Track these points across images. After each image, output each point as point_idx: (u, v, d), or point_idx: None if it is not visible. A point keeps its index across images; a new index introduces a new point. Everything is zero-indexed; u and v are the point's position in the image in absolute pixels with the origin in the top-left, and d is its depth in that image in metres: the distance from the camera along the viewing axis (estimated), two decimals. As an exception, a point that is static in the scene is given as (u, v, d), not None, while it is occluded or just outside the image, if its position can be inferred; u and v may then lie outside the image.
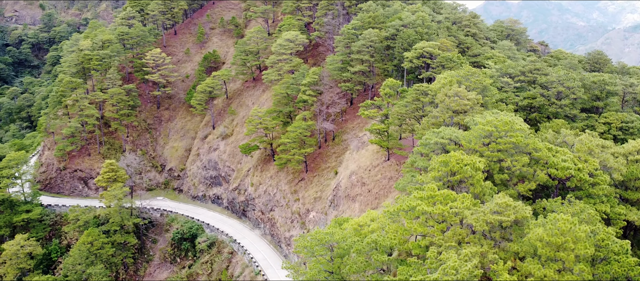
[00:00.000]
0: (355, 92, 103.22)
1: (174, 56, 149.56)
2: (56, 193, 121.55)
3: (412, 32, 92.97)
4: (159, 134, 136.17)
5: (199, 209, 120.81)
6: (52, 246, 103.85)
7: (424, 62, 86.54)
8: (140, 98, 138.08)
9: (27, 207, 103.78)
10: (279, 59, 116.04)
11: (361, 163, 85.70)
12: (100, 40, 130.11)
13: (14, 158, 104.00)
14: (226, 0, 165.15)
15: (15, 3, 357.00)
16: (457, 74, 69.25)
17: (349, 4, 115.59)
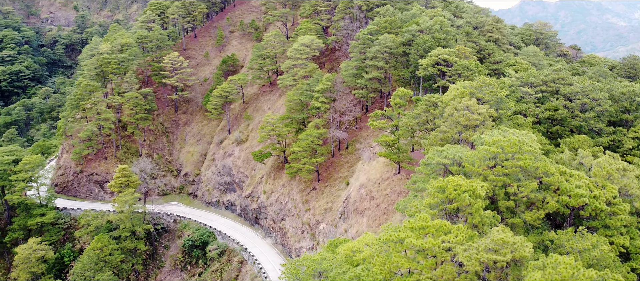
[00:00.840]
0: (370, 100, 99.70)
1: (193, 59, 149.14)
2: (73, 195, 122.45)
3: (429, 38, 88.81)
4: (176, 138, 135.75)
5: (212, 215, 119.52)
6: (65, 250, 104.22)
7: (439, 70, 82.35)
8: (158, 102, 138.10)
9: (42, 210, 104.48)
10: (294, 64, 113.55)
11: (371, 175, 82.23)
12: (119, 44, 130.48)
13: (29, 162, 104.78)
14: (247, 3, 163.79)
15: (51, 5, 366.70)
16: (470, 85, 65.01)
17: (367, 7, 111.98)
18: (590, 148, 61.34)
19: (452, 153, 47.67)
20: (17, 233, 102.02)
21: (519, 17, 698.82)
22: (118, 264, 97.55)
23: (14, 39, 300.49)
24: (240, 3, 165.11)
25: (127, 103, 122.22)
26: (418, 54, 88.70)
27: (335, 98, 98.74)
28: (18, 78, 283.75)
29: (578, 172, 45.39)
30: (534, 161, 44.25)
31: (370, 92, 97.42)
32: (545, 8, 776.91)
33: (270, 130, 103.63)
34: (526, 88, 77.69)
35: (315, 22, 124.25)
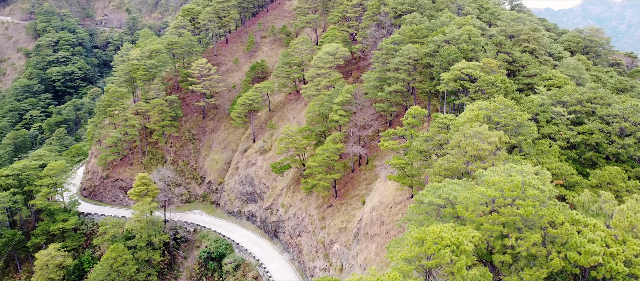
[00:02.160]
0: (391, 114, 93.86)
1: (223, 65, 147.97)
2: (99, 200, 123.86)
3: (454, 50, 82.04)
4: (202, 145, 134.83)
5: (233, 226, 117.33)
6: (85, 257, 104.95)
7: (461, 85, 75.67)
8: (187, 108, 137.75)
9: (64, 216, 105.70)
10: (318, 73, 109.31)
11: (384, 197, 76.74)
12: (148, 50, 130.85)
13: (54, 168, 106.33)
14: (280, 8, 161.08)
15: (105, 7, 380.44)
16: (487, 106, 58.41)
17: (394, 15, 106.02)
18: (624, 183, 53.40)
19: (448, 192, 41.92)
20: (40, 238, 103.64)
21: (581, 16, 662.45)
22: (132, 274, 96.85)
23: (69, 40, 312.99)
24: (274, 8, 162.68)
25: (153, 110, 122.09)
26: (441, 67, 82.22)
27: (354, 111, 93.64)
28: (71, 78, 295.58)
29: (595, 221, 38.51)
30: (539, 207, 37.83)
31: (392, 106, 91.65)
32: (610, 7, 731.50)
33: (288, 142, 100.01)
34: (558, 107, 69.75)
35: (342, 29, 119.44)
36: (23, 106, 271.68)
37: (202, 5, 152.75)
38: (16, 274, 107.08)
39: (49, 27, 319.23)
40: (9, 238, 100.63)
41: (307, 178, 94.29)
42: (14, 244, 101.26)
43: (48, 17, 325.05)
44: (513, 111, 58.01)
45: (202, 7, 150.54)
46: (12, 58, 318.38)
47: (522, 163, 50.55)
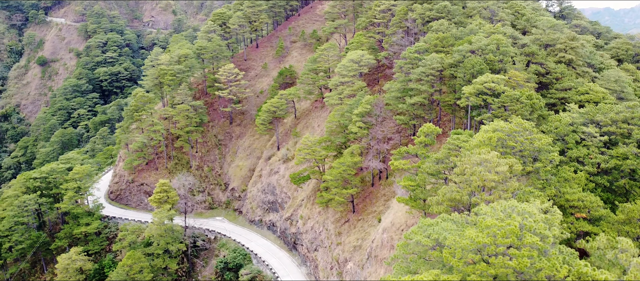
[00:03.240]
0: (412, 128, 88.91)
1: (252, 70, 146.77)
2: (125, 204, 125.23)
3: (479, 61, 76.35)
4: (228, 150, 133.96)
5: (253, 235, 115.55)
6: (106, 261, 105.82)
7: (484, 100, 70.09)
8: (214, 113, 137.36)
9: (88, 220, 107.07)
10: (341, 82, 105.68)
11: (396, 219, 72.26)
12: (177, 55, 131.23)
13: (79, 172, 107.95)
14: (312, 12, 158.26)
15: (153, 9, 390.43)
16: (503, 127, 53.06)
17: (422, 21, 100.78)
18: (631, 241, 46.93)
19: (438, 232, 37.51)
20: (63, 241, 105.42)
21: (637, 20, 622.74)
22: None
23: (116, 41, 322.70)
24: (306, 11, 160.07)
25: (178, 115, 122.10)
26: (465, 79, 76.75)
27: (373, 123, 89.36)
28: (117, 78, 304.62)
29: (606, 275, 33.12)
30: (538, 258, 32.86)
31: (413, 119, 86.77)
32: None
33: (307, 153, 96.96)
34: (590, 127, 63.04)
35: (369, 35, 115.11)
36: (71, 104, 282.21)
37: (233, 9, 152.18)
38: (42, 275, 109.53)
39: (99, 29, 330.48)
40: (34, 239, 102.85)
41: (323, 192, 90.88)
42: (38, 245, 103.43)
43: (98, 19, 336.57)
44: (531, 135, 52.36)
45: (233, 11, 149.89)
46: (64, 58, 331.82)
47: (534, 196, 45.18)
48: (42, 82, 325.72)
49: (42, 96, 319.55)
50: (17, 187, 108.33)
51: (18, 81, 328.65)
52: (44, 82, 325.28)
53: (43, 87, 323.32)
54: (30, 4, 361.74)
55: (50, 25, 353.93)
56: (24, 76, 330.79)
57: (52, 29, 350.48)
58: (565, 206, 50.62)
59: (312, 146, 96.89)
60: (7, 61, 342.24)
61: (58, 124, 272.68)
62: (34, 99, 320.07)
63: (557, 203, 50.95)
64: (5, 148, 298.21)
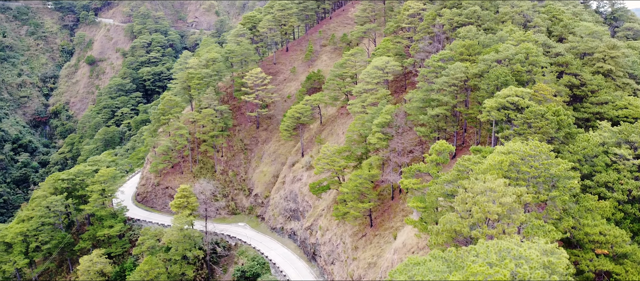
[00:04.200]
0: (433, 141, 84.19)
1: (281, 73, 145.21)
2: (150, 207, 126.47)
3: (504, 71, 71.09)
4: (253, 155, 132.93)
5: (273, 243, 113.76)
6: (127, 264, 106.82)
7: (506, 115, 64.96)
8: (242, 117, 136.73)
9: (111, 222, 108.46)
10: (365, 89, 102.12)
11: (408, 239, 68.28)
12: (205, 58, 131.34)
13: (104, 174, 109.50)
14: (344, 15, 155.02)
15: (196, 10, 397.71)
16: (517, 149, 48.37)
17: (449, 27, 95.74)
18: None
19: (423, 273, 33.84)
20: (86, 242, 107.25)
21: None
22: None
23: (160, 42, 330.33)
24: (337, 15, 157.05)
25: (203, 120, 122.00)
26: (488, 91, 71.67)
27: (393, 135, 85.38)
28: (159, 78, 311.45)
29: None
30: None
31: (434, 131, 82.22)
32: None
33: (326, 163, 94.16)
34: (623, 148, 56.99)
35: (396, 40, 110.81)
36: (115, 103, 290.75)
37: (264, 12, 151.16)
38: (67, 275, 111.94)
39: (144, 29, 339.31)
40: (59, 240, 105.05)
41: (339, 205, 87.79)
42: (62, 246, 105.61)
43: (144, 20, 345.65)
44: (548, 159, 47.40)
45: (263, 14, 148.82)
46: (111, 58, 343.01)
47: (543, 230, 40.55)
48: (90, 80, 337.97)
49: (90, 94, 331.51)
50: (46, 188, 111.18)
51: (68, 79, 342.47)
52: (92, 81, 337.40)
53: (91, 85, 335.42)
54: (81, 5, 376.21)
55: (99, 26, 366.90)
56: (73, 75, 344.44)
57: (100, 30, 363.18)
58: (583, 240, 45.50)
59: (331, 156, 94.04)
60: (59, 60, 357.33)
61: (102, 122, 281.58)
62: (82, 97, 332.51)
63: (575, 236, 45.92)
64: (54, 144, 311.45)
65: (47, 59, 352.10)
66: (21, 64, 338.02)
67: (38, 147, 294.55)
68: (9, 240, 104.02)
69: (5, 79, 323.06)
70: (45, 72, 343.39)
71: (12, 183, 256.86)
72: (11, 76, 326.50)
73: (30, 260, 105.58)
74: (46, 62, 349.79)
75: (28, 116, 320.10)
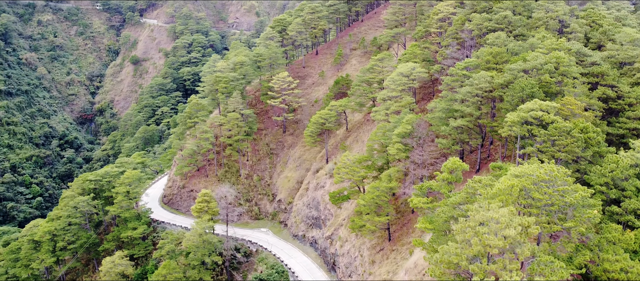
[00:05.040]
0: (455, 154, 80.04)
1: (309, 77, 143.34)
2: (175, 209, 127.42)
3: (530, 83, 66.31)
4: (279, 160, 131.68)
5: (295, 251, 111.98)
6: (149, 266, 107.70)
7: (529, 131, 60.42)
8: (268, 121, 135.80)
9: (134, 224, 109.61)
10: (389, 96, 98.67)
11: (420, 259, 64.76)
12: (232, 62, 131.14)
13: (129, 177, 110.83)
14: (375, 18, 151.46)
15: (237, 10, 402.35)
16: (530, 173, 44.29)
17: (478, 32, 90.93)
18: None
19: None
20: (110, 243, 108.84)
21: None
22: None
23: (201, 42, 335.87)
24: (369, 17, 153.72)
25: (228, 124, 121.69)
26: (512, 103, 67.08)
27: (413, 146, 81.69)
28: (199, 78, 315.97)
29: None
30: None
31: (455, 144, 78.00)
32: None
33: (346, 172, 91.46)
34: (658, 172, 51.54)
35: (424, 46, 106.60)
36: (156, 102, 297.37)
37: (294, 15, 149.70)
38: (93, 274, 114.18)
39: (186, 30, 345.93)
40: (84, 240, 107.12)
41: (355, 217, 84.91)
42: (87, 246, 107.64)
43: (185, 21, 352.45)
44: (564, 185, 43.11)
45: (293, 17, 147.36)
46: (154, 58, 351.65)
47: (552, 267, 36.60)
48: (133, 80, 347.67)
49: (133, 93, 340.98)
50: (75, 188, 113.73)
51: (113, 78, 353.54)
52: (135, 80, 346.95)
53: (134, 84, 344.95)
54: (128, 6, 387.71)
55: (144, 26, 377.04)
56: (118, 74, 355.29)
57: (145, 30, 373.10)
58: (602, 278, 41.01)
59: (351, 165, 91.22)
60: (106, 59, 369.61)
61: (143, 120, 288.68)
62: (126, 95, 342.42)
63: (593, 272, 41.49)
64: (98, 141, 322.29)
65: (94, 58, 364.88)
66: (70, 63, 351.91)
67: (83, 143, 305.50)
68: (37, 238, 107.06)
69: (55, 78, 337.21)
70: (92, 71, 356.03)
71: (57, 177, 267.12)
72: (61, 75, 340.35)
73: (57, 258, 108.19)
74: (93, 61, 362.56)
75: (75, 113, 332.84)
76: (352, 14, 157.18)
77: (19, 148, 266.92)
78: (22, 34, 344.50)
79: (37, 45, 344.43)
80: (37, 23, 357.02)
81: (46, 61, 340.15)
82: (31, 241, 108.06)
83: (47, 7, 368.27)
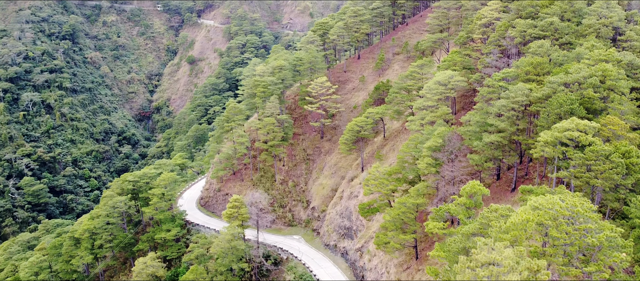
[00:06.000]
0: (488, 171, 74.58)
1: (350, 82, 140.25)
2: (211, 212, 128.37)
3: (570, 98, 60.28)
4: (315, 166, 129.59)
5: (325, 261, 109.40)
6: (181, 269, 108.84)
7: (564, 153, 54.77)
8: (307, 126, 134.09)
9: (169, 226, 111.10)
10: (425, 105, 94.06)
11: (439, 286, 60.26)
12: (271, 66, 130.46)
13: (164, 179, 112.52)
14: (421, 21, 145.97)
15: (292, 11, 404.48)
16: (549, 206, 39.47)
17: (521, 40, 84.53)
18: None
19: None
20: (144, 244, 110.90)
21: None
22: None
23: (254, 43, 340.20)
24: (414, 21, 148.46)
25: (263, 128, 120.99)
26: (548, 121, 61.32)
27: (443, 160, 76.98)
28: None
29: None
30: None
31: (487, 161, 72.62)
32: None
33: (374, 185, 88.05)
34: None
35: (465, 53, 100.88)
36: (209, 102, 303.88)
37: (336, 18, 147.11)
38: (130, 273, 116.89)
39: (240, 31, 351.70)
40: (120, 240, 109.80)
41: (380, 233, 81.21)
42: (122, 246, 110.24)
43: (240, 21, 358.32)
44: (588, 222, 38.01)
45: (335, 21, 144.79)
46: (209, 58, 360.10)
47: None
48: (189, 79, 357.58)
49: (188, 92, 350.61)
50: (114, 187, 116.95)
51: (171, 77, 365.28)
52: (191, 79, 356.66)
53: (190, 83, 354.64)
54: (186, 7, 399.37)
55: (201, 27, 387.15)
56: (175, 73, 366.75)
57: (202, 31, 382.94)
58: (627, 332, 35.69)
59: (380, 177, 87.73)
60: (164, 59, 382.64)
61: (195, 119, 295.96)
62: (182, 94, 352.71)
63: (617, 324, 36.23)
64: (154, 138, 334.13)
65: (154, 57, 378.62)
66: (131, 62, 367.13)
67: (140, 140, 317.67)
68: (77, 235, 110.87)
69: (117, 76, 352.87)
70: (151, 70, 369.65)
71: (114, 172, 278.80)
72: (122, 73, 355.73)
73: (95, 256, 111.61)
74: (152, 60, 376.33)
75: (134, 111, 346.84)
76: (398, 16, 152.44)
77: (81, 143, 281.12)
78: (88, 34, 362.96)
79: (101, 44, 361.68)
80: (102, 24, 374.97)
81: (109, 60, 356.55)
82: (72, 238, 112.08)
83: (112, 9, 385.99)
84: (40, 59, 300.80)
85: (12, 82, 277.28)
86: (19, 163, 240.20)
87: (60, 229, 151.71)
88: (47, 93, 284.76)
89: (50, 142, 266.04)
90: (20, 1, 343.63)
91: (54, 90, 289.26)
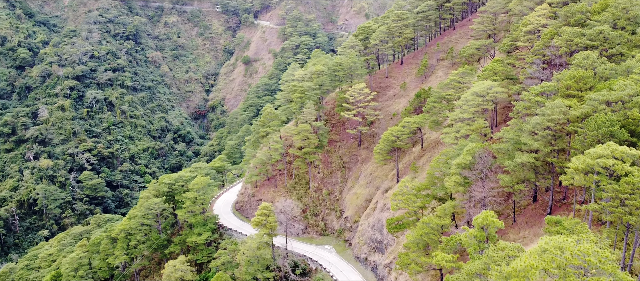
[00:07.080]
0: (518, 194, 68.37)
1: (391, 89, 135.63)
2: (245, 216, 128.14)
3: (611, 119, 53.72)
4: (351, 175, 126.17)
5: (354, 274, 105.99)
6: (210, 273, 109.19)
7: (596, 183, 48.66)
8: (344, 133, 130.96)
9: (200, 230, 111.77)
10: (461, 118, 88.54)
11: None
12: (310, 71, 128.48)
13: (198, 183, 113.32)
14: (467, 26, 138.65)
15: (347, 12, 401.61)
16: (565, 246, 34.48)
17: (567, 50, 77.21)
18: None
19: None
20: (175, 247, 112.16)
21: None
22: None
23: (308, 44, 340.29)
24: (462, 25, 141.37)
25: (298, 135, 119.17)
26: (583, 144, 54.98)
27: (473, 180, 71.58)
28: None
29: None
30: None
31: (518, 182, 66.54)
32: None
33: (401, 200, 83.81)
34: None
35: (508, 62, 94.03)
36: (260, 102, 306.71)
37: (379, 23, 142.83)
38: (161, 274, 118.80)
39: (294, 32, 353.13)
40: (153, 241, 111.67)
41: (403, 253, 76.81)
42: (154, 247, 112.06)
43: (295, 23, 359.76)
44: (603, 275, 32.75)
45: (378, 25, 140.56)
46: (263, 58, 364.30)
47: None
48: (244, 79, 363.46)
49: (242, 92, 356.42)
50: (151, 189, 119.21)
51: (226, 77, 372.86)
52: (245, 80, 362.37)
53: (244, 83, 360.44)
54: (244, 8, 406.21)
55: (257, 28, 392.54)
56: (231, 73, 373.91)
57: (257, 31, 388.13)
58: None
59: (408, 193, 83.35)
60: (221, 59, 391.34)
61: (247, 119, 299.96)
62: (236, 93, 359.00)
63: None
64: (208, 136, 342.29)
65: (211, 57, 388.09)
66: (189, 62, 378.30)
67: (194, 138, 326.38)
68: (114, 234, 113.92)
69: (175, 75, 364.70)
70: (208, 69, 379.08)
71: (168, 168, 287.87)
72: (180, 72, 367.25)
73: (129, 256, 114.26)
74: (210, 60, 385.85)
75: (190, 109, 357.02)
76: (446, 20, 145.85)
77: (138, 140, 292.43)
78: (150, 34, 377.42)
79: (162, 45, 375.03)
80: (164, 24, 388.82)
81: (169, 60, 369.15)
82: (109, 237, 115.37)
83: (173, 10, 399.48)
84: (105, 58, 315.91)
85: (79, 80, 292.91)
86: (80, 157, 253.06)
87: (109, 225, 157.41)
88: (110, 91, 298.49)
89: (110, 138, 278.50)
90: (90, 1, 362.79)
91: (116, 88, 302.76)
